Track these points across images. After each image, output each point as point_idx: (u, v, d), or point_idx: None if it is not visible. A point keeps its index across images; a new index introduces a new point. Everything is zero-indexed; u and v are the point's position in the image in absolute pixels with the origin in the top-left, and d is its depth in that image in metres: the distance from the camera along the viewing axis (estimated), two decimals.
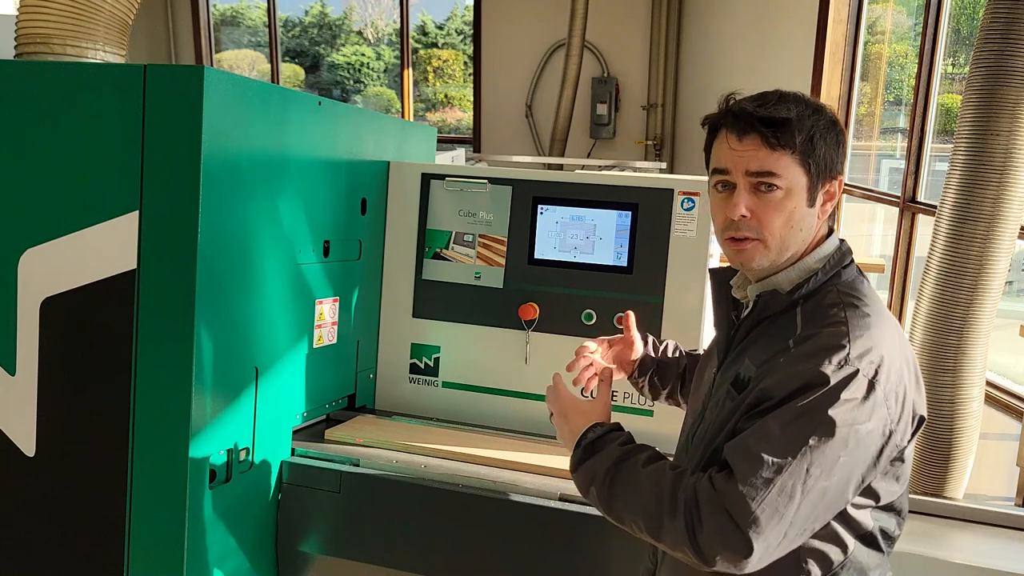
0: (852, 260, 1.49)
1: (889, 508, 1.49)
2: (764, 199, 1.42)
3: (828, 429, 1.30)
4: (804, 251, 1.48)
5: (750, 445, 1.33)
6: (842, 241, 1.52)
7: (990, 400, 4.71)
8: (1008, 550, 2.07)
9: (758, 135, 1.40)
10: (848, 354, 1.33)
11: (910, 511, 2.21)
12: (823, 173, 1.44)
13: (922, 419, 1.45)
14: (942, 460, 2.99)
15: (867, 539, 1.47)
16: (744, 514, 1.29)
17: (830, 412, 1.31)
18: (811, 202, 1.44)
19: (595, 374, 1.86)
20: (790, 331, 1.41)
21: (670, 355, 1.96)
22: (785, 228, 1.43)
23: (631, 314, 1.96)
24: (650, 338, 1.99)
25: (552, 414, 1.64)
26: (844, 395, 1.32)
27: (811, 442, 1.30)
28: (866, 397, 1.33)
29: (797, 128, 1.40)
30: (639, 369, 1.94)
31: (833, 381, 1.31)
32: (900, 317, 6.16)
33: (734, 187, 1.44)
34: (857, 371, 1.32)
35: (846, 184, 7.02)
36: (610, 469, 1.45)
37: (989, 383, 4.60)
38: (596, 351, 1.90)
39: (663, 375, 1.94)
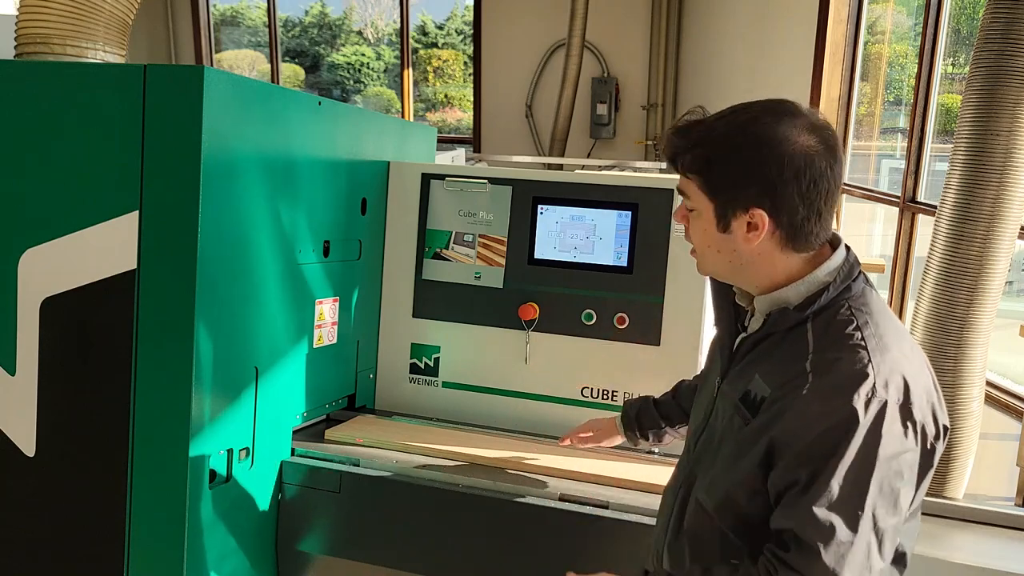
0: (860, 271, 1.45)
1: (912, 517, 1.48)
2: (691, 215, 1.45)
3: (883, 470, 1.29)
4: (785, 278, 1.43)
5: (817, 514, 1.29)
6: (848, 250, 1.47)
7: (990, 400, 4.71)
8: (1008, 550, 2.07)
9: (671, 161, 1.43)
10: (874, 384, 1.30)
11: None
12: (731, 202, 1.38)
13: (946, 428, 1.42)
14: (942, 460, 2.99)
15: (896, 558, 1.46)
16: None
17: (879, 452, 1.29)
18: (722, 228, 1.40)
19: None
20: (802, 349, 1.37)
21: (645, 416, 2.01)
22: (707, 249, 1.44)
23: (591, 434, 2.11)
24: (627, 416, 2.04)
25: None
26: (884, 430, 1.29)
27: (872, 489, 1.29)
28: (904, 424, 1.31)
29: (693, 156, 1.39)
30: (639, 433, 2.02)
31: (868, 419, 1.29)
32: (900, 317, 6.16)
33: None
34: (886, 401, 1.30)
35: (846, 184, 7.02)
36: None
37: (989, 383, 4.60)
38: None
39: (659, 432, 2.00)
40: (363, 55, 12.84)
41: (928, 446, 1.37)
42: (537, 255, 2.48)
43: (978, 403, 3.00)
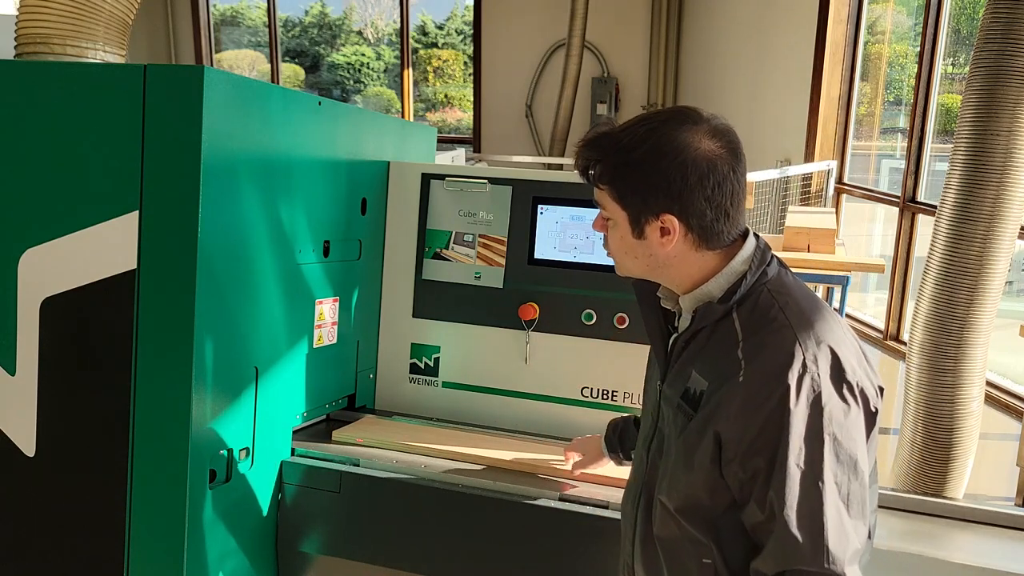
0: (773, 255, 1.49)
1: (872, 480, 1.51)
2: (608, 225, 1.51)
3: (833, 438, 1.33)
4: (706, 273, 1.47)
5: (785, 499, 1.32)
6: (758, 237, 1.51)
7: (990, 400, 4.71)
8: (1008, 550, 2.06)
9: (583, 174, 1.49)
10: (804, 360, 1.34)
11: (910, 511, 2.22)
12: (641, 211, 1.43)
13: (881, 388, 1.46)
14: (942, 460, 2.99)
15: None
16: (819, 558, 1.30)
17: (824, 423, 1.33)
18: (637, 234, 1.46)
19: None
20: (732, 339, 1.41)
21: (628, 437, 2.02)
22: (625, 256, 1.50)
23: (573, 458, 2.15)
24: (611, 439, 2.04)
25: None
26: (824, 401, 1.34)
27: (827, 459, 1.32)
28: (841, 391, 1.35)
29: (599, 170, 1.45)
30: (623, 455, 2.02)
31: (804, 395, 1.33)
32: (900, 317, 6.16)
33: None
34: (819, 374, 1.34)
35: (846, 184, 7.03)
36: None
37: (989, 383, 4.60)
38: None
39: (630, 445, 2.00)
40: (363, 55, 12.84)
41: (871, 407, 1.40)
42: (537, 255, 2.48)
43: (978, 403, 3.00)
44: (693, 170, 1.39)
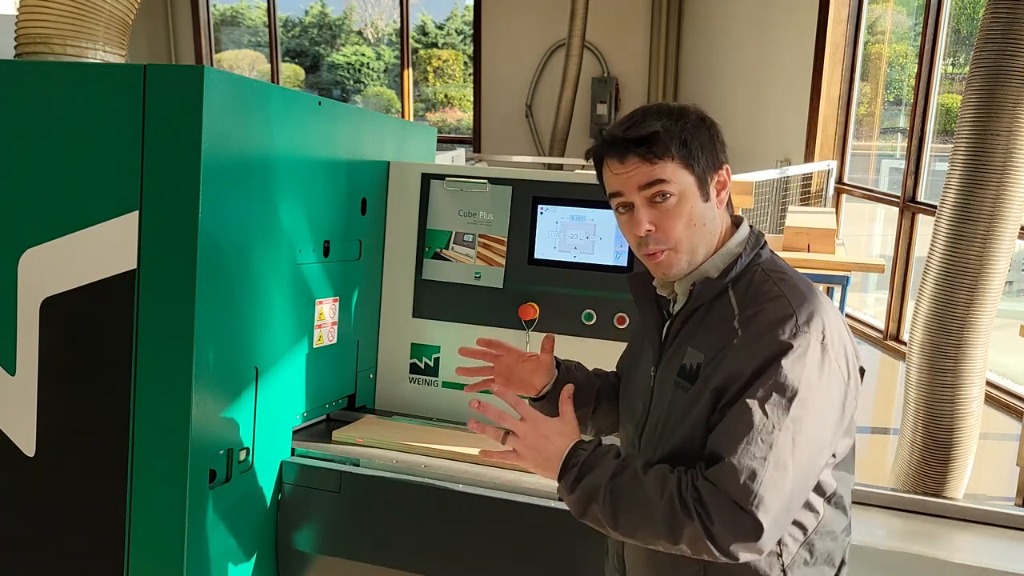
0: (765, 242, 1.58)
1: (846, 466, 1.54)
2: (662, 209, 1.49)
3: (802, 396, 1.38)
4: (718, 243, 1.55)
5: (737, 430, 1.37)
6: (751, 225, 1.60)
7: (990, 400, 4.71)
8: (1008, 550, 2.07)
9: (635, 155, 1.48)
10: (798, 321, 1.41)
11: (910, 511, 2.22)
12: (707, 168, 1.51)
13: (863, 370, 1.52)
14: (942, 460, 2.99)
15: (833, 500, 1.52)
16: (747, 497, 1.34)
17: (801, 380, 1.38)
18: (705, 197, 1.52)
19: (491, 380, 1.86)
20: (728, 313, 1.47)
21: (581, 379, 1.87)
22: (689, 229, 1.50)
23: (552, 337, 1.89)
24: (562, 365, 1.89)
25: (509, 435, 1.57)
26: (807, 360, 1.39)
27: (792, 412, 1.37)
28: (822, 359, 1.41)
29: (667, 136, 1.48)
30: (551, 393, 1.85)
31: (797, 349, 1.39)
32: (900, 317, 6.17)
33: (633, 207, 1.51)
34: (810, 335, 1.40)
35: (846, 184, 7.03)
36: (608, 483, 1.44)
37: (989, 383, 4.60)
38: (502, 355, 1.89)
39: (579, 401, 1.81)
40: (363, 55, 12.85)
41: (850, 384, 1.46)
42: (537, 255, 2.48)
43: (978, 403, 3.00)
44: (719, 131, 1.55)
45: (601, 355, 2.42)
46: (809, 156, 6.99)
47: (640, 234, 1.50)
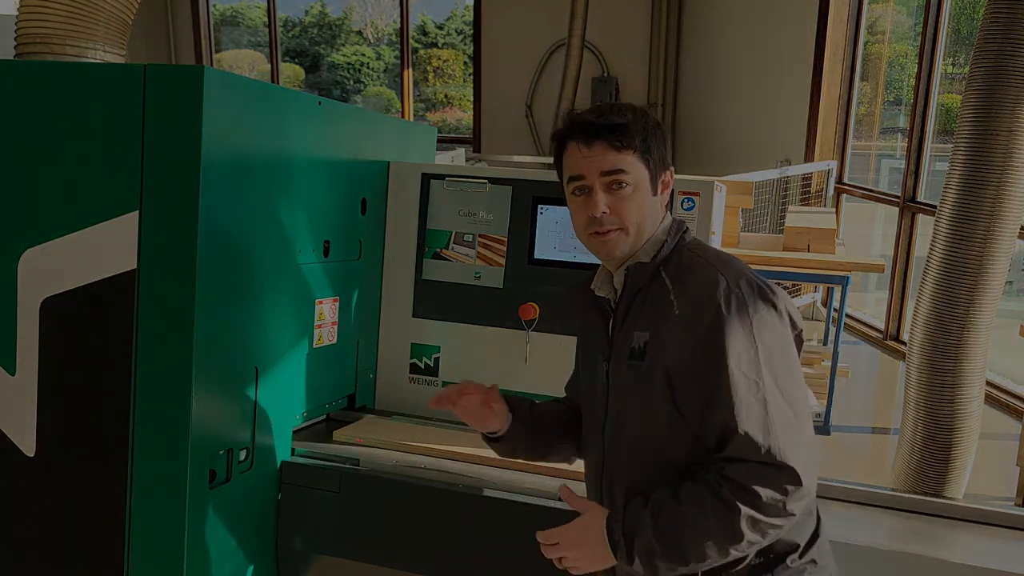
0: (687, 227, 1.69)
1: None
2: (617, 195, 1.60)
3: (764, 342, 1.48)
4: (657, 225, 1.67)
5: (729, 403, 1.45)
6: (673, 217, 1.73)
7: (990, 400, 4.71)
8: (1008, 550, 2.07)
9: (604, 141, 1.59)
10: (727, 283, 1.52)
11: (910, 511, 2.22)
12: (658, 166, 1.63)
13: (801, 330, 1.63)
14: (942, 460, 2.99)
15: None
16: (771, 453, 1.42)
17: (754, 329, 1.49)
18: (654, 192, 1.64)
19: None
20: (664, 291, 1.58)
21: (538, 415, 1.88)
22: (639, 216, 1.61)
23: (495, 387, 1.88)
24: (515, 410, 1.87)
25: (560, 560, 1.62)
26: (749, 312, 1.49)
27: (762, 360, 1.47)
28: (765, 305, 1.52)
29: (634, 131, 1.59)
30: (510, 437, 1.87)
31: (733, 308, 1.49)
32: (900, 317, 6.17)
33: (590, 190, 1.60)
34: (742, 290, 1.51)
35: (846, 184, 7.03)
36: (654, 534, 1.48)
37: (989, 383, 4.60)
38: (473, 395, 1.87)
39: (532, 445, 1.88)
40: (363, 55, 12.85)
41: (794, 328, 1.58)
42: (537, 255, 2.48)
43: (978, 403, 3.00)
44: (667, 136, 1.69)
45: None
46: (809, 156, 6.99)
47: (596, 214, 1.59)
